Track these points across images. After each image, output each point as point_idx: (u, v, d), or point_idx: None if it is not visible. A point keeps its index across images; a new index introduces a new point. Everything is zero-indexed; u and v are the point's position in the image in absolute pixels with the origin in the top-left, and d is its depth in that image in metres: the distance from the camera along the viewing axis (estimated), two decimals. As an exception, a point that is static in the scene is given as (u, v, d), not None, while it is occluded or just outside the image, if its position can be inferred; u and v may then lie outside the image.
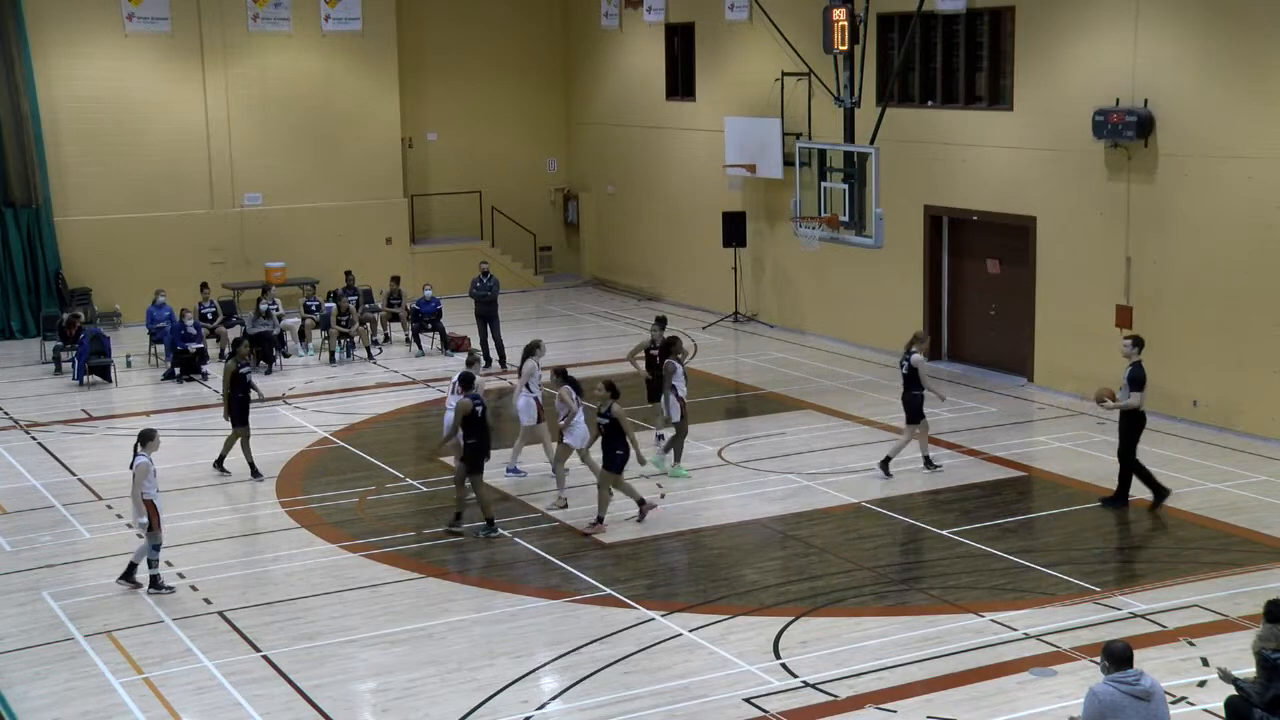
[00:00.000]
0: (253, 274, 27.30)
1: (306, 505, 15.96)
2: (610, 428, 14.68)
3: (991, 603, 12.65)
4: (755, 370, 22.68)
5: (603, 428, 14.77)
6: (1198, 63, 17.90)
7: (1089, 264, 19.60)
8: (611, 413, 14.67)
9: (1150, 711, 8.15)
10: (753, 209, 25.93)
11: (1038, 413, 19.51)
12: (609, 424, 14.67)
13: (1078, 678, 10.85)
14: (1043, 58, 20.04)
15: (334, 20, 28.31)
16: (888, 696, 10.77)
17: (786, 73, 24.36)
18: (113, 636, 12.27)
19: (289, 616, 12.71)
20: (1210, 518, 14.80)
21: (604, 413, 14.77)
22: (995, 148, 20.94)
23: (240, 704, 10.97)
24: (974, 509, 15.32)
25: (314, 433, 19.21)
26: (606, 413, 14.74)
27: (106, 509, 15.98)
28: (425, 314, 24.71)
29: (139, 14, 26.73)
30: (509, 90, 30.92)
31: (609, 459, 14.74)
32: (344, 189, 28.64)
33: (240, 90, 27.62)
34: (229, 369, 17.03)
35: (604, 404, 14.76)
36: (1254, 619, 10.03)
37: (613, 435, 14.68)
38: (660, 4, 28.04)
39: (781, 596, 12.96)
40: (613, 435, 14.68)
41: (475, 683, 11.23)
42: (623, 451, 14.68)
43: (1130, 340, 15.12)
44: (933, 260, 22.45)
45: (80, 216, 26.72)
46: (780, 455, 17.57)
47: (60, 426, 19.79)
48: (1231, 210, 17.67)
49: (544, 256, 31.87)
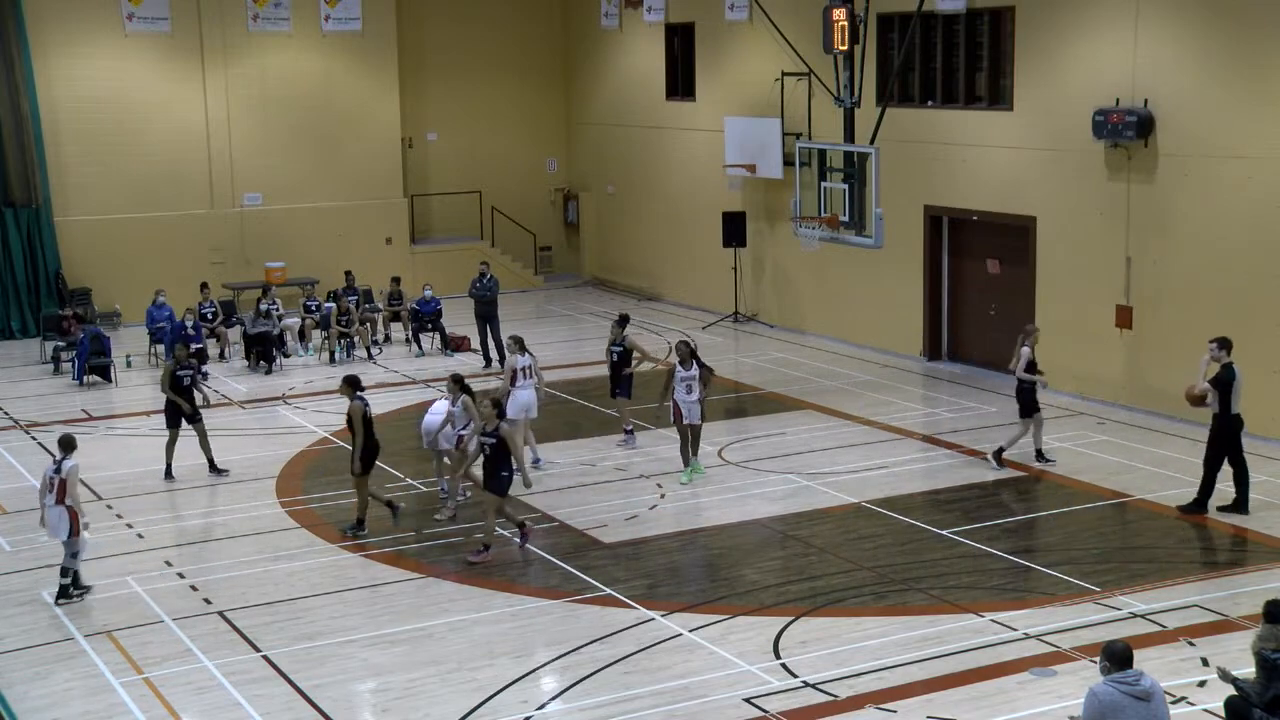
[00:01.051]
0: (253, 274, 27.31)
1: (306, 505, 15.97)
2: (496, 448, 13.89)
3: (991, 603, 12.65)
4: (755, 370, 22.68)
5: (488, 448, 13.96)
6: (1198, 63, 17.90)
7: (1089, 264, 19.60)
8: (499, 432, 13.91)
9: (1150, 712, 8.15)
10: (753, 209, 25.93)
11: (1038, 413, 19.49)
12: (495, 444, 13.90)
13: (1078, 678, 10.85)
14: (1043, 58, 20.04)
15: (334, 20, 28.32)
16: (888, 696, 10.77)
17: (786, 73, 24.36)
18: (112, 636, 12.27)
19: (289, 616, 12.71)
20: (1210, 518, 14.80)
21: (490, 432, 13.97)
22: (995, 148, 20.94)
23: (240, 704, 10.97)
24: (974, 509, 15.32)
25: (314, 433, 19.21)
26: (493, 432, 13.95)
27: (106, 509, 15.98)
28: (425, 314, 24.71)
29: (139, 14, 26.74)
30: (509, 90, 30.93)
31: (494, 481, 13.95)
32: (344, 189, 28.64)
33: (240, 90, 27.63)
34: (167, 370, 17.18)
35: (491, 423, 13.99)
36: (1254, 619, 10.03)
37: (498, 456, 13.88)
38: (660, 4, 28.04)
39: (781, 596, 12.96)
40: (498, 456, 13.88)
41: (475, 683, 11.23)
42: (508, 473, 13.92)
43: (1216, 343, 14.69)
44: (933, 260, 22.45)
45: (80, 216, 26.73)
46: (780, 455, 17.57)
47: (60, 426, 19.78)
48: (1231, 210, 17.67)
49: (544, 256, 31.87)
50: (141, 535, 15.08)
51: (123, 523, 15.49)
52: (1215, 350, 14.66)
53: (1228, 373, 14.49)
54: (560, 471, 17.06)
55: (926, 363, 22.51)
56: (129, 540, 14.91)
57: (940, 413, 19.69)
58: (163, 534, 15.21)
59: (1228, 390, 14.50)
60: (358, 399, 14.74)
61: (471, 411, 14.99)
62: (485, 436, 14.00)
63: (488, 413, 14.08)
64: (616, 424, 18.42)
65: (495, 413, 14.07)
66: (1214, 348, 14.69)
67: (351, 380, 14.98)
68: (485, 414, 14.12)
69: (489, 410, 14.09)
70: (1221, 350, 14.63)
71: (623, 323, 18.48)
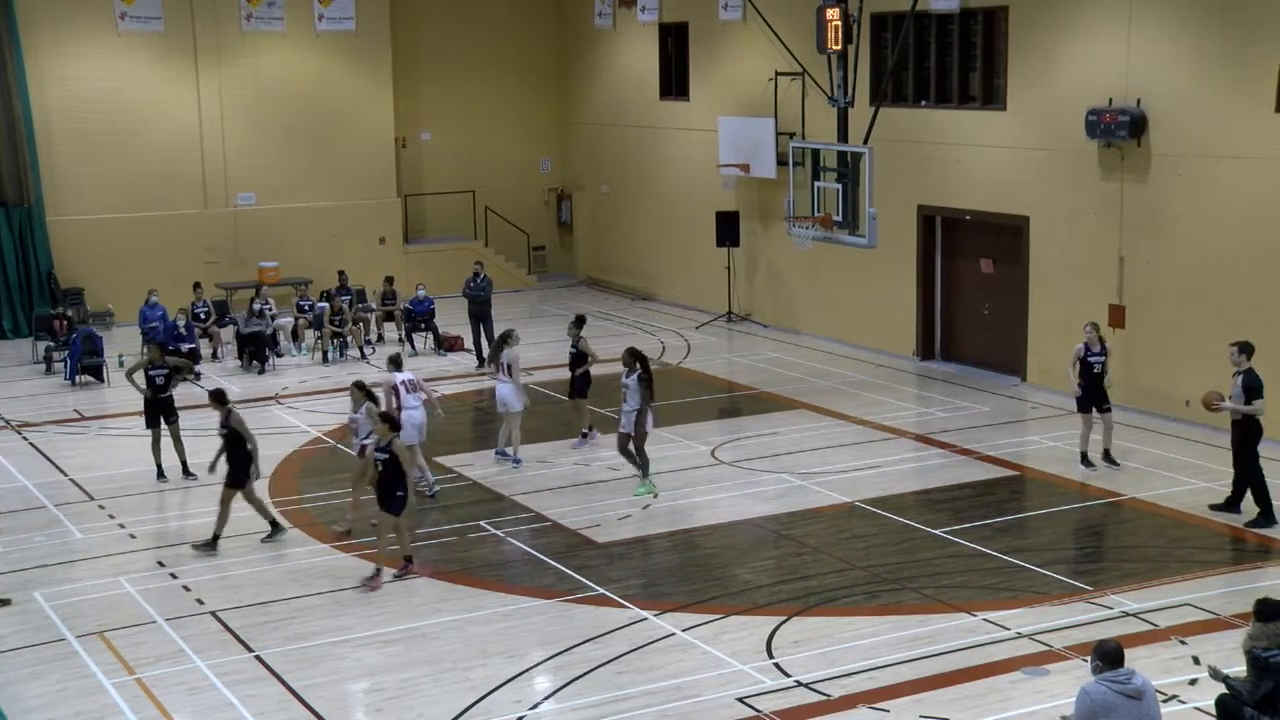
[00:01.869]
0: (246, 274, 27.27)
1: (300, 505, 15.95)
2: (390, 464, 13.28)
3: (984, 602, 12.66)
4: (749, 370, 22.69)
5: (381, 465, 13.32)
6: (1191, 63, 17.93)
7: (1082, 264, 19.63)
8: (392, 448, 13.30)
9: (1142, 710, 8.17)
10: (746, 209, 25.94)
11: (1031, 412, 19.53)
12: (388, 460, 13.27)
13: (1070, 677, 10.86)
14: (1036, 57, 20.06)
15: (328, 20, 28.28)
16: (880, 696, 10.78)
17: (780, 72, 24.37)
18: (105, 637, 12.25)
19: (282, 616, 12.70)
20: (1202, 517, 14.83)
21: (383, 447, 13.34)
22: (989, 147, 20.96)
23: (233, 704, 10.96)
24: (966, 508, 15.34)
25: (307, 432, 19.19)
26: (386, 447, 13.32)
27: (99, 509, 15.95)
28: (418, 314, 24.70)
29: (131, 13, 26.68)
30: (503, 90, 30.91)
31: (388, 500, 13.30)
32: (338, 189, 28.61)
33: (234, 90, 27.59)
34: (140, 363, 17.26)
35: (383, 438, 13.37)
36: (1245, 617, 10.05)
37: (392, 473, 13.28)
38: (654, 3, 28.03)
39: (774, 596, 12.97)
40: (392, 473, 13.28)
41: (468, 682, 11.23)
42: (403, 493, 13.28)
43: (1237, 347, 14.58)
44: (926, 260, 22.47)
45: (73, 216, 26.68)
46: (773, 455, 17.58)
47: (52, 427, 19.76)
48: (1224, 210, 17.70)
49: (538, 256, 31.86)
50: (134, 535, 15.06)
51: (115, 523, 15.46)
52: (1235, 355, 14.54)
53: (1254, 378, 14.36)
54: (554, 471, 17.06)
55: (920, 362, 22.53)
56: (121, 540, 14.89)
57: (933, 412, 19.70)
58: (155, 534, 15.18)
59: (1259, 394, 14.34)
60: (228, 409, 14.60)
61: (375, 418, 14.38)
62: (379, 452, 13.39)
63: (381, 428, 13.49)
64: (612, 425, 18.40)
65: (388, 427, 13.47)
66: (1234, 352, 14.58)
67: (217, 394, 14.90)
68: (379, 429, 13.52)
69: (382, 425, 13.50)
70: (1241, 355, 14.51)
71: (579, 324, 18.36)
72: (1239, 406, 14.41)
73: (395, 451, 13.30)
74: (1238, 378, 14.47)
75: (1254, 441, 14.50)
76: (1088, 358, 16.33)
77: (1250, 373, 14.41)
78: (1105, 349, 16.37)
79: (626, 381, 15.92)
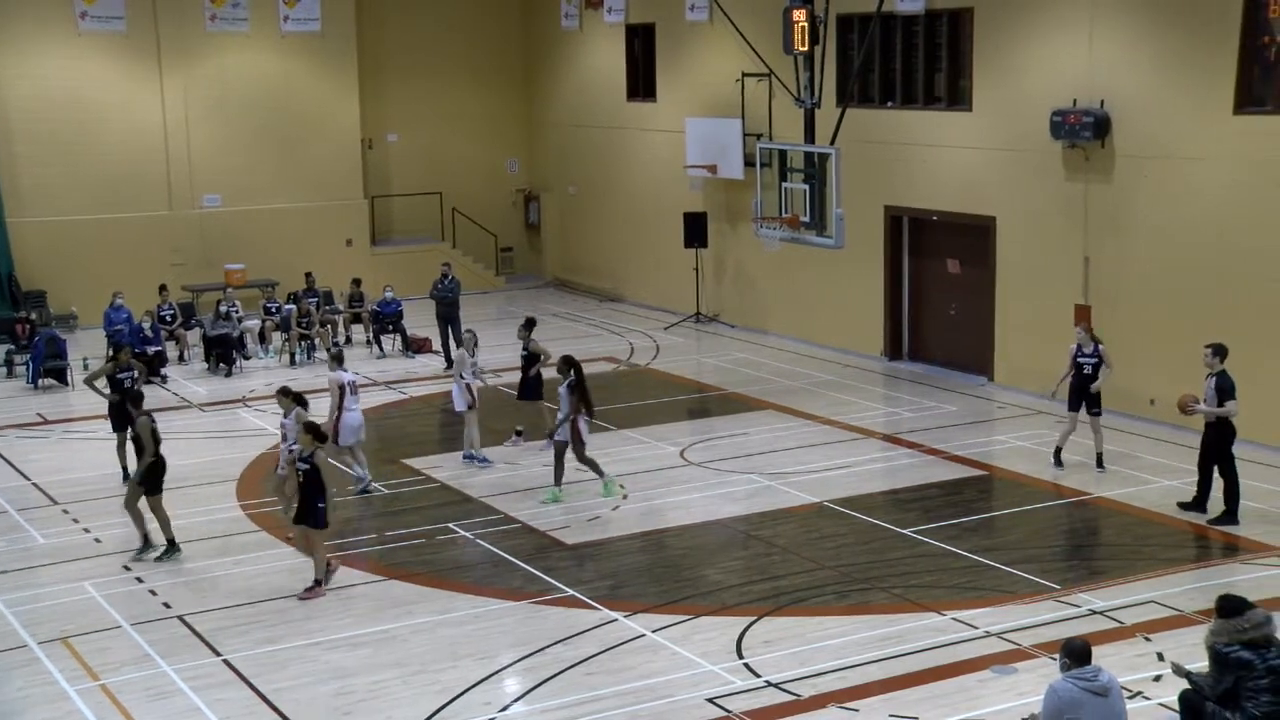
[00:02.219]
0: (212, 276, 27.10)
1: (267, 508, 15.85)
2: (311, 475, 12.92)
3: (953, 601, 12.72)
4: (717, 371, 22.71)
5: (303, 475, 12.97)
6: (1152, 65, 18.08)
7: (1048, 263, 19.75)
8: (314, 459, 12.92)
9: (1108, 707, 8.24)
10: (714, 210, 25.97)
11: (998, 412, 19.64)
12: (310, 470, 12.91)
13: (1038, 675, 10.92)
14: (1001, 59, 20.18)
15: (293, 21, 28.14)
16: (850, 695, 10.81)
17: (747, 73, 24.41)
18: (68, 643, 12.13)
19: (250, 620, 12.62)
20: (1167, 515, 14.95)
21: (305, 458, 12.98)
22: (955, 148, 21.06)
23: (200, 709, 10.88)
24: (935, 508, 15.40)
25: (275, 435, 19.05)
26: (308, 458, 12.95)
27: (62, 514, 15.81)
28: (386, 315, 24.61)
29: (92, 13, 26.47)
30: (469, 91, 30.85)
31: (310, 512, 12.96)
32: (304, 190, 28.47)
33: (198, 91, 27.41)
34: (105, 369, 17.19)
35: (306, 449, 13.01)
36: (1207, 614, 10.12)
37: (314, 484, 12.94)
38: (620, 5, 28.03)
39: (744, 596, 12.98)
40: (314, 484, 12.94)
41: (439, 685, 11.19)
42: (324, 504, 12.92)
43: (1211, 349, 14.61)
44: (893, 260, 22.55)
45: (35, 218, 26.43)
46: (743, 455, 17.60)
47: (14, 430, 19.57)
48: (1188, 210, 17.85)
49: (505, 258, 31.80)
50: (99, 540, 14.93)
51: (79, 527, 15.33)
52: (1209, 357, 14.61)
53: (1227, 380, 14.45)
54: (522, 473, 17.02)
55: (887, 362, 22.62)
56: (86, 545, 14.75)
57: (901, 412, 19.78)
58: (120, 538, 15.04)
59: (1232, 396, 14.42)
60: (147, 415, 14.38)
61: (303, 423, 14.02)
62: (301, 462, 13.01)
63: (305, 438, 13.10)
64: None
65: (311, 438, 13.06)
66: (1208, 354, 14.64)
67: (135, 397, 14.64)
68: (302, 439, 13.14)
69: (306, 435, 13.11)
70: (1215, 357, 14.57)
71: (529, 326, 18.23)
72: (1212, 409, 14.53)
73: (317, 463, 12.92)
74: (1210, 380, 14.56)
75: (1228, 443, 14.63)
76: (1078, 357, 16.42)
77: (1223, 375, 14.49)
78: (1098, 350, 16.40)
79: (560, 390, 15.78)
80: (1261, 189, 16.94)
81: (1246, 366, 15.45)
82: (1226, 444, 14.62)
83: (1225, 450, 14.63)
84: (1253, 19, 16.90)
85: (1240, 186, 17.18)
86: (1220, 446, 14.62)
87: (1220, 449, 14.63)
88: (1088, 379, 16.28)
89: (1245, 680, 8.85)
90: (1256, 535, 14.23)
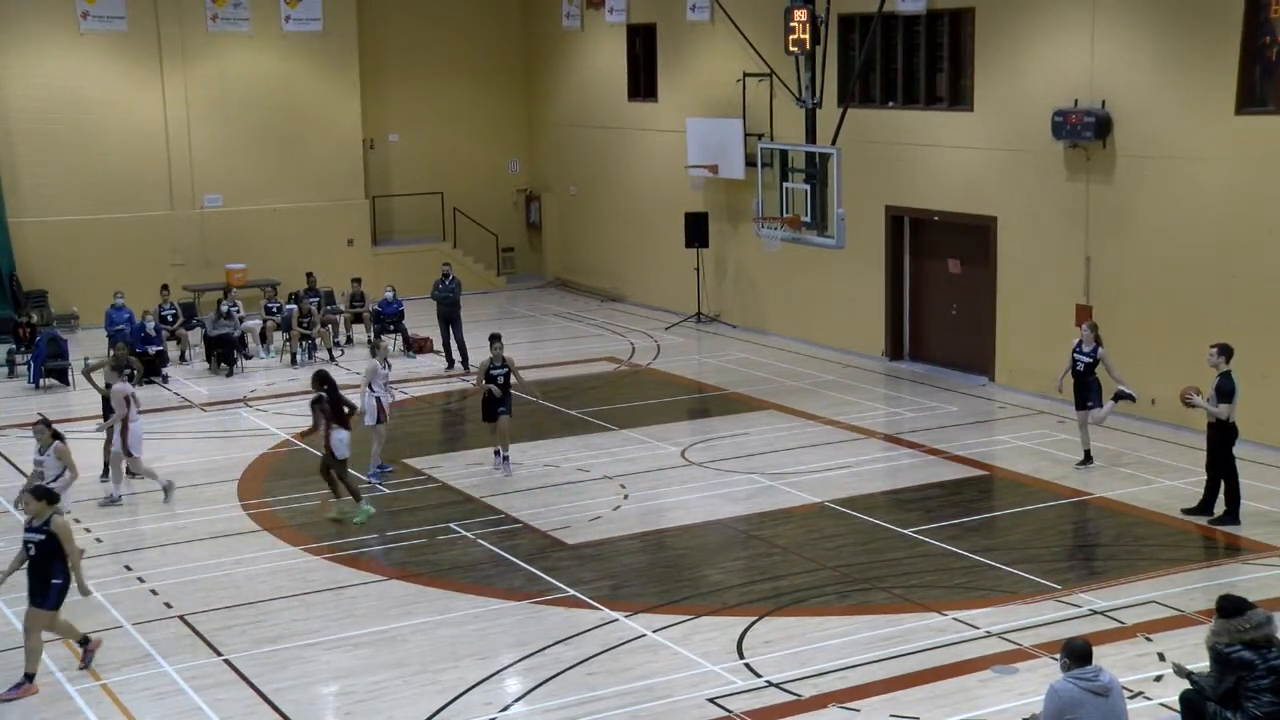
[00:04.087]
0: (213, 276, 27.11)
1: (268, 508, 15.86)
2: (45, 546, 10.88)
3: (953, 601, 12.72)
4: (718, 371, 22.71)
5: (34, 547, 10.91)
6: (1154, 65, 18.08)
7: (1049, 264, 19.75)
8: (50, 527, 10.90)
9: (1109, 707, 8.24)
10: (715, 210, 25.97)
11: (999, 412, 19.64)
12: (44, 541, 10.88)
13: (1039, 675, 10.92)
14: (1002, 59, 20.18)
15: (294, 20, 28.14)
16: (851, 695, 10.81)
17: (748, 73, 24.42)
18: (69, 643, 12.13)
19: (251, 620, 12.62)
20: (1168, 515, 14.95)
21: (38, 527, 10.93)
22: (956, 148, 21.07)
23: (201, 709, 10.88)
24: (936, 508, 15.40)
25: (276, 435, 19.09)
26: (42, 526, 10.91)
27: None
28: (387, 315, 24.62)
29: (94, 13, 26.48)
30: (470, 91, 30.85)
31: (41, 591, 10.92)
32: (305, 190, 28.47)
33: (200, 91, 27.42)
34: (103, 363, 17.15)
35: (38, 515, 10.98)
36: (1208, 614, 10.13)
37: (47, 558, 10.89)
38: (622, 4, 28.04)
39: (745, 596, 12.98)
40: (47, 558, 10.89)
41: (439, 685, 11.19)
42: (60, 580, 10.98)
43: (1216, 349, 14.58)
44: (894, 260, 22.55)
45: (36, 218, 26.44)
46: (743, 455, 17.60)
47: (15, 431, 19.57)
48: (1189, 210, 17.85)
49: (506, 258, 31.81)
50: (100, 540, 14.94)
51: (81, 527, 15.31)
52: (1214, 357, 14.58)
53: (1227, 381, 14.43)
54: (523, 473, 17.03)
55: (888, 362, 22.62)
56: (87, 544, 14.74)
57: (902, 412, 19.78)
58: (122, 538, 15.06)
59: (1229, 399, 14.41)
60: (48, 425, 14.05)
61: (67, 460, 13.46)
62: (32, 533, 10.94)
63: (36, 506, 11.00)
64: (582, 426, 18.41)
65: (44, 504, 11.01)
66: (1213, 354, 14.61)
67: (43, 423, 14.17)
68: (32, 508, 11.05)
69: (37, 504, 11.01)
70: (1220, 357, 14.54)
71: (496, 340, 17.21)
72: (1206, 405, 14.53)
73: (55, 531, 10.89)
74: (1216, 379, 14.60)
75: (1229, 444, 14.63)
76: (1074, 352, 16.43)
77: (1226, 375, 14.48)
78: (1096, 351, 16.39)
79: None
80: (1263, 189, 16.94)
81: (1247, 367, 15.45)
82: (1227, 445, 14.62)
83: (1226, 451, 14.64)
84: (1254, 19, 16.90)
85: (1241, 187, 17.19)
86: (1221, 447, 14.62)
87: (1221, 450, 14.63)
88: (1082, 375, 16.31)
89: (1246, 680, 8.86)
90: (1258, 535, 14.24)
